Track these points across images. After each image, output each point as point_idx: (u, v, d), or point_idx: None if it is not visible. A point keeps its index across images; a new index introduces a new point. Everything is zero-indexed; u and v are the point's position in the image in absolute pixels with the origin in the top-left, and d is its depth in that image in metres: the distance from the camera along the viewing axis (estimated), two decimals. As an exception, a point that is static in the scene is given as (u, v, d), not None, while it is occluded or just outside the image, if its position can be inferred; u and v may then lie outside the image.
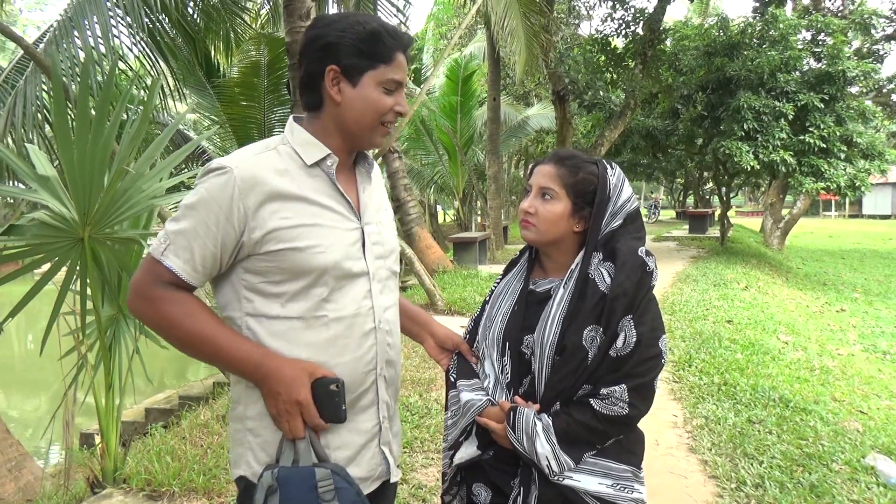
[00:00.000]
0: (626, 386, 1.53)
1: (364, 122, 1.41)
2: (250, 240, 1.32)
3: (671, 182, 37.60)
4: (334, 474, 1.30)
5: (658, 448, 3.91)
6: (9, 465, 5.33)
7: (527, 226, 1.66)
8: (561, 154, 1.70)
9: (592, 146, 12.95)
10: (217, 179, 1.32)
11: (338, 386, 1.33)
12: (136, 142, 3.04)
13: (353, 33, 1.37)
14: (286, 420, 1.32)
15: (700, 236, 19.04)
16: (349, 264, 1.40)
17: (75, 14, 5.06)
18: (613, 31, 13.37)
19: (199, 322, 1.33)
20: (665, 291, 9.63)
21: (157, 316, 1.33)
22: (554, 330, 1.56)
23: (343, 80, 1.39)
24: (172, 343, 1.37)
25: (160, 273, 1.32)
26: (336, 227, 1.39)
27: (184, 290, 1.35)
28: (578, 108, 13.58)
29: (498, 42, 11.62)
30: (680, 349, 6.06)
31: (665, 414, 4.47)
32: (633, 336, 1.53)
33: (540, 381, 1.58)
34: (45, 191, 3.04)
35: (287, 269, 1.34)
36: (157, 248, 1.33)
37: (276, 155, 1.39)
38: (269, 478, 1.29)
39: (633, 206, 1.67)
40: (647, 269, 1.58)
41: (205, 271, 1.34)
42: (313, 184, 1.40)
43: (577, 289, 1.58)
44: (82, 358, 3.52)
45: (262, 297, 1.37)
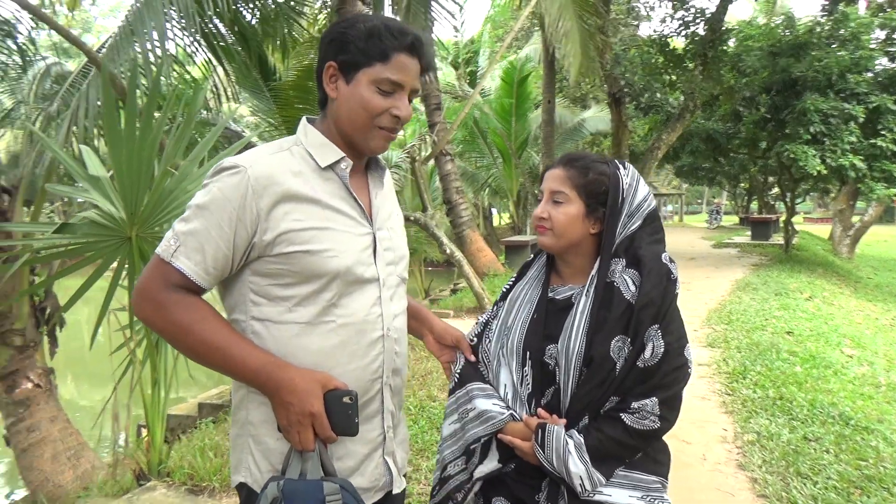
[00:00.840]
0: (658, 399, 1.48)
1: (356, 121, 1.37)
2: (262, 241, 1.29)
3: (734, 187, 36.47)
4: (342, 489, 1.27)
5: (705, 463, 3.76)
6: (68, 453, 5.55)
7: (542, 231, 1.62)
8: (570, 156, 1.65)
9: (649, 149, 12.66)
10: (230, 179, 1.28)
11: (351, 398, 1.30)
12: (182, 143, 3.11)
13: (354, 30, 1.34)
14: (297, 431, 1.28)
15: (763, 243, 18.39)
16: (360, 270, 1.37)
17: (134, 20, 5.22)
18: (673, 31, 13.06)
19: (210, 329, 1.28)
20: (722, 300, 9.33)
21: (165, 322, 1.28)
22: (580, 340, 1.51)
23: (339, 76, 1.36)
24: (181, 350, 1.33)
25: (169, 275, 1.28)
26: (348, 231, 1.37)
27: (193, 293, 1.31)
28: (635, 110, 13.31)
29: (552, 44, 11.49)
30: (734, 360, 5.85)
31: (714, 428, 4.30)
32: (660, 346, 1.49)
33: (566, 394, 1.53)
34: (95, 191, 3.14)
35: (298, 272, 1.31)
36: (167, 250, 1.29)
37: (290, 156, 1.36)
38: (275, 489, 1.25)
39: (651, 206, 1.61)
40: (671, 277, 1.53)
41: (216, 273, 1.31)
42: (327, 187, 1.37)
43: (600, 297, 1.53)
44: (131, 353, 3.62)
45: (269, 300, 1.34)
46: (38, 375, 5.56)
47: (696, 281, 11.60)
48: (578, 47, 10.59)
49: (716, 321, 7.76)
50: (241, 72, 7.94)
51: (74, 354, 13.10)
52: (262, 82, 9.40)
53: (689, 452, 3.93)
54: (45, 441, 5.45)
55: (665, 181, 46.57)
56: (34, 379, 5.54)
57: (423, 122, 12.51)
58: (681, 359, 1.52)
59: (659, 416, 1.48)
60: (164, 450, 3.65)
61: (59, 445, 5.53)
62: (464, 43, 22.64)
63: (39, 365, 5.62)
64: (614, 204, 1.57)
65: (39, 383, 5.57)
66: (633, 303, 1.49)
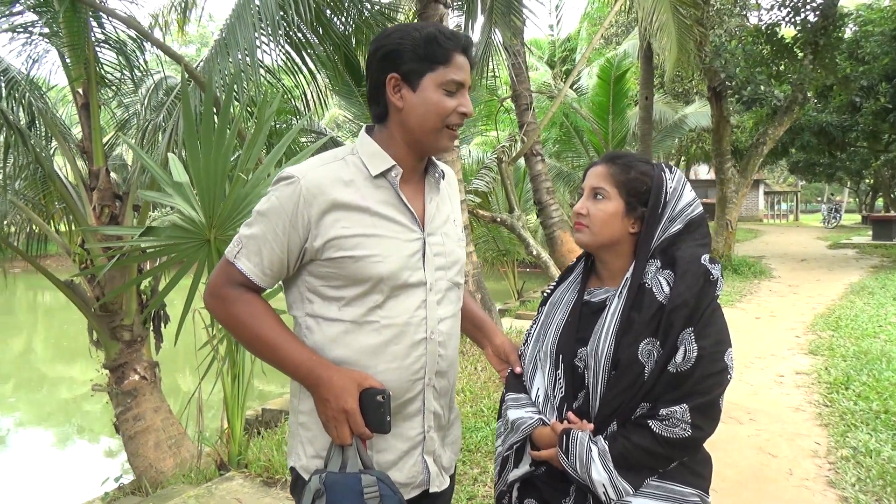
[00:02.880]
0: (688, 405, 1.41)
1: (427, 125, 1.42)
2: (313, 247, 1.38)
3: (857, 183, 33.95)
4: (379, 482, 1.33)
5: (791, 478, 3.53)
6: (169, 442, 5.93)
7: (579, 228, 1.59)
8: (613, 154, 1.62)
9: (753, 145, 11.99)
10: (286, 188, 1.38)
11: (384, 397, 1.35)
12: (255, 150, 3.25)
13: (410, 39, 1.39)
14: (334, 426, 1.36)
15: (886, 244, 17.01)
16: (406, 274, 1.41)
17: (228, 33, 5.50)
18: (781, 19, 12.30)
19: (264, 325, 1.40)
20: (832, 304, 8.73)
21: (227, 315, 1.42)
22: (608, 342, 1.47)
23: (404, 86, 1.41)
24: (240, 341, 1.47)
25: (233, 274, 1.41)
26: (396, 237, 1.42)
27: (253, 291, 1.43)
28: (736, 104, 12.65)
29: (646, 38, 11.12)
30: (837, 369, 5.45)
31: (806, 441, 4.03)
32: (693, 350, 1.41)
33: (594, 397, 1.50)
34: (178, 196, 3.34)
35: (345, 275, 1.39)
36: (232, 251, 1.43)
37: (344, 165, 1.44)
38: (317, 482, 1.33)
39: (696, 211, 1.55)
40: (710, 278, 1.46)
41: (273, 274, 1.42)
42: (377, 194, 1.43)
43: (632, 299, 1.48)
44: (214, 349, 3.83)
45: (321, 299, 1.43)
46: (145, 368, 5.98)
47: (805, 284, 10.92)
48: (674, 41, 10.17)
49: (821, 327, 7.26)
50: (333, 78, 8.20)
51: (175, 349, 13.98)
52: (354, 87, 9.66)
53: (774, 466, 3.70)
54: (149, 430, 5.86)
55: (780, 178, 44.02)
56: (141, 371, 5.96)
57: (515, 122, 12.44)
58: (718, 364, 1.44)
59: (690, 423, 1.41)
60: (244, 442, 3.83)
61: (162, 434, 5.92)
62: (560, 41, 22.35)
63: (146, 358, 6.05)
64: (655, 204, 1.53)
65: (145, 375, 5.99)
66: (665, 304, 1.44)
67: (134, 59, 6.76)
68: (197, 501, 3.32)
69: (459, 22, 9.36)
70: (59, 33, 5.99)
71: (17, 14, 6.01)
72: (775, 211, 40.89)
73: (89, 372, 6.41)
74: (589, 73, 20.15)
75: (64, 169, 6.64)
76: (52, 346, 16.00)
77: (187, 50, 30.95)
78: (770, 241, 20.81)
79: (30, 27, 6.10)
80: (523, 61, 10.83)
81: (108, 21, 6.19)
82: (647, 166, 1.57)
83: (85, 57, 5.92)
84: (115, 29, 6.41)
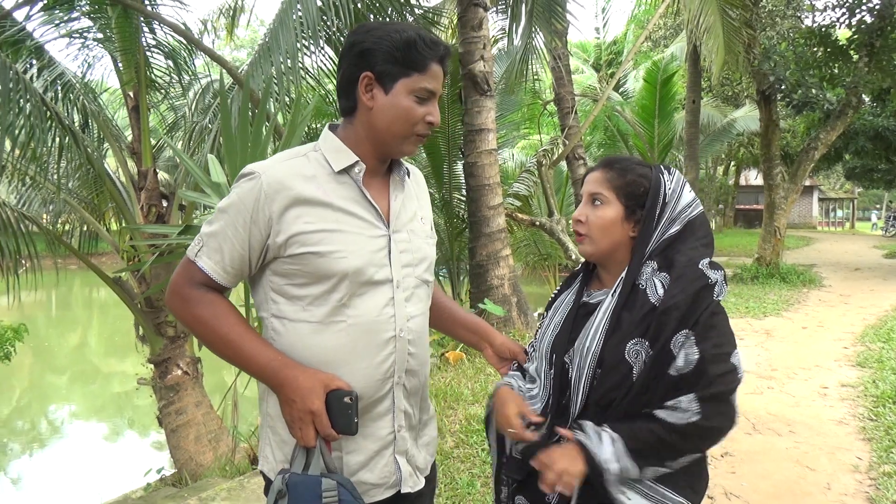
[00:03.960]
0: (695, 394, 1.39)
1: (395, 129, 1.41)
2: (275, 243, 1.36)
3: (918, 190, 32.66)
4: (340, 486, 1.31)
5: (829, 493, 3.43)
6: (209, 436, 6.08)
7: (580, 238, 1.58)
8: (610, 159, 1.60)
9: (804, 150, 11.63)
10: (246, 184, 1.37)
11: (351, 398, 1.33)
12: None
13: (390, 41, 1.37)
14: (298, 428, 1.34)
15: (948, 253, 16.32)
16: (371, 271, 1.40)
17: (271, 38, 5.63)
18: (835, 20, 11.92)
19: (226, 325, 1.37)
20: (885, 315, 8.42)
21: (189, 316, 1.39)
22: (595, 340, 1.47)
23: (376, 86, 1.39)
24: (204, 343, 1.43)
25: (194, 273, 1.39)
26: (360, 233, 1.40)
27: (216, 291, 1.40)
28: (786, 108, 12.30)
29: (692, 41, 10.92)
30: (886, 382, 5.25)
31: (847, 455, 3.90)
32: (694, 354, 1.39)
33: (576, 395, 1.49)
34: (216, 196, 3.43)
35: (309, 272, 1.37)
36: (192, 250, 1.40)
37: (306, 161, 1.42)
38: (280, 482, 1.32)
39: (695, 212, 1.53)
40: (707, 282, 1.43)
41: (234, 272, 1.39)
42: (340, 190, 1.41)
43: (624, 298, 1.47)
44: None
45: (286, 299, 1.40)
46: (187, 364, 6.15)
47: (857, 294, 10.56)
48: (721, 43, 9.98)
49: (872, 338, 7.01)
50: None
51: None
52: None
53: (812, 480, 3.60)
54: (190, 423, 6.02)
55: (836, 184, 42.64)
56: (183, 367, 6.13)
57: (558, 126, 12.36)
58: (723, 366, 1.40)
59: (698, 411, 1.38)
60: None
61: (202, 429, 6.08)
62: (606, 44, 22.11)
63: (188, 354, 6.22)
64: (652, 206, 1.52)
65: (188, 371, 6.16)
66: (657, 306, 1.42)
67: (182, 63, 6.97)
68: (229, 494, 3.40)
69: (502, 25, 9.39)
70: (111, 38, 6.22)
71: (74, 20, 6.27)
72: (830, 218, 39.62)
73: (139, 367, 6.62)
74: (635, 77, 19.88)
75: (117, 171, 6.88)
76: (105, 341, 16.56)
77: (238, 54, 31.63)
78: (823, 248, 20.17)
79: (85, 32, 6.35)
80: (566, 64, 10.78)
81: (160, 27, 6.42)
82: (644, 168, 1.56)
83: (136, 61, 6.14)
84: (164, 34, 6.63)
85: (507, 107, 11.60)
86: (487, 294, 6.63)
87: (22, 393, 11.99)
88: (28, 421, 10.69)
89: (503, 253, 6.80)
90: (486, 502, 3.24)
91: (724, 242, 20.83)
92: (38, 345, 14.29)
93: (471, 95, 6.79)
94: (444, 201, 9.06)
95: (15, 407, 11.32)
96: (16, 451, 9.03)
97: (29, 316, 15.46)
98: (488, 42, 6.84)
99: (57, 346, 15.79)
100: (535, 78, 9.57)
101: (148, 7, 6.08)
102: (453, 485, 3.42)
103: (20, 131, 4.74)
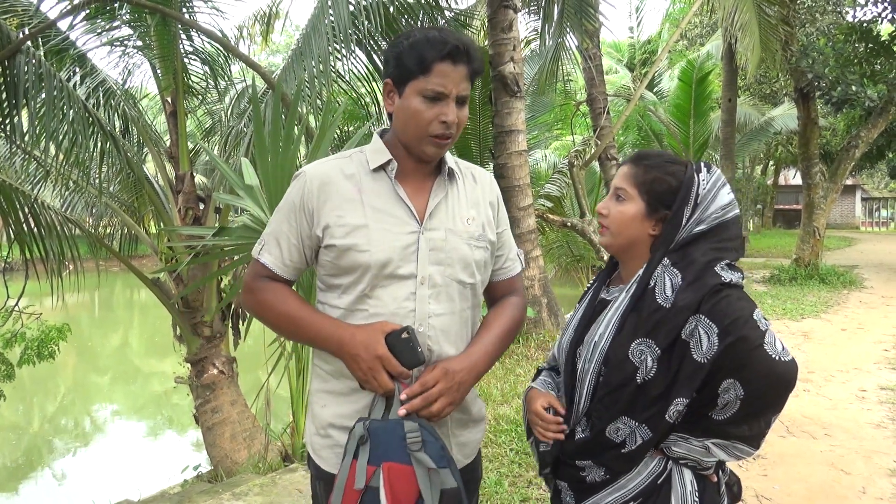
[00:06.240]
0: (734, 379, 1.36)
1: (409, 131, 1.47)
2: (316, 234, 1.49)
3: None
4: (422, 427, 1.37)
5: (863, 497, 3.37)
6: (244, 434, 6.19)
7: (602, 230, 1.60)
8: (641, 154, 1.60)
9: (844, 148, 11.36)
10: (296, 183, 1.53)
11: (409, 332, 1.41)
12: (320, 153, 3.38)
13: (400, 46, 1.46)
14: (372, 377, 1.40)
15: None
16: (395, 265, 1.45)
17: (303, 43, 5.73)
18: (877, 15, 11.62)
19: (287, 304, 1.52)
20: (929, 318, 8.19)
21: (255, 302, 1.55)
22: (604, 337, 1.48)
23: (395, 91, 1.48)
24: (269, 326, 1.58)
25: (259, 270, 1.55)
26: (388, 229, 1.46)
27: (280, 282, 1.55)
28: (825, 105, 12.02)
29: (728, 39, 10.76)
30: (930, 385, 5.13)
31: (884, 459, 3.83)
32: (713, 328, 1.37)
33: (581, 389, 1.51)
34: (248, 198, 3.51)
35: (338, 264, 1.47)
36: (256, 249, 1.57)
37: (349, 161, 1.54)
38: (361, 428, 1.38)
39: (729, 216, 1.49)
40: (721, 281, 1.41)
41: (294, 265, 1.54)
42: (375, 186, 1.50)
43: (636, 298, 1.47)
44: (281, 345, 4.00)
45: (325, 287, 1.55)
46: (223, 363, 6.27)
47: (900, 296, 10.28)
48: (757, 40, 9.81)
49: (914, 341, 6.83)
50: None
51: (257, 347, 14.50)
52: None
53: (846, 483, 3.53)
54: (225, 422, 6.14)
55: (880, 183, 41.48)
56: (219, 366, 6.26)
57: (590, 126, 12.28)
58: (750, 329, 1.36)
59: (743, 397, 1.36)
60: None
61: (237, 427, 6.19)
62: (640, 44, 21.89)
63: (224, 354, 6.35)
64: (681, 205, 1.48)
65: (223, 370, 6.28)
66: (666, 307, 1.41)
67: (218, 69, 7.13)
68: (261, 490, 3.48)
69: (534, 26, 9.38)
70: (150, 46, 6.40)
71: (115, 28, 6.46)
72: (874, 218, 38.51)
73: (177, 367, 6.79)
74: (670, 76, 19.64)
75: (155, 175, 7.07)
76: (145, 342, 16.95)
77: (274, 59, 32.10)
78: (865, 249, 19.65)
79: (125, 40, 6.54)
80: (597, 65, 10.71)
81: (197, 34, 6.57)
82: (675, 166, 1.53)
83: (174, 68, 6.30)
84: (201, 41, 6.79)
85: (539, 108, 11.57)
86: (518, 295, 6.63)
87: (66, 392, 12.36)
88: (72, 419, 11.02)
89: (533, 254, 6.80)
90: (513, 502, 3.26)
91: (763, 243, 20.44)
92: (82, 345, 14.70)
93: (501, 97, 6.81)
94: (476, 203, 9.09)
95: (59, 405, 11.67)
96: (60, 448, 9.32)
97: (73, 317, 15.91)
98: (518, 43, 6.85)
99: (99, 347, 16.22)
100: (566, 78, 9.54)
101: (185, 15, 6.23)
102: (481, 484, 3.44)
103: (64, 137, 4.92)
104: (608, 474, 1.49)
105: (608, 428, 1.46)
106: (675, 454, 1.46)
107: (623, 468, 1.47)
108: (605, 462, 1.48)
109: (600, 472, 1.50)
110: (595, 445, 1.48)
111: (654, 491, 1.46)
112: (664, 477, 1.47)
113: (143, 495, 5.83)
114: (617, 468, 1.48)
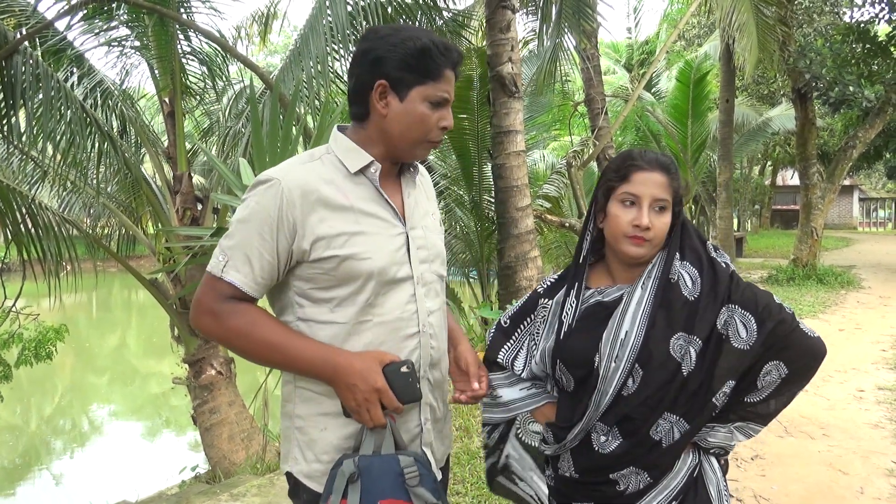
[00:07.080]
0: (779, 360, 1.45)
1: (409, 136, 1.42)
2: (300, 248, 1.36)
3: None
4: (416, 461, 1.33)
5: (861, 497, 3.38)
6: (242, 435, 6.19)
7: (640, 243, 1.48)
8: (663, 161, 1.53)
9: (842, 148, 11.38)
10: (267, 191, 1.36)
11: (409, 367, 1.37)
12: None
13: (404, 48, 1.37)
14: (366, 409, 1.34)
15: None
16: (394, 269, 1.42)
17: (301, 44, 5.73)
18: (874, 16, 11.64)
19: (266, 330, 1.36)
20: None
21: (224, 329, 1.37)
22: (633, 336, 1.45)
23: (391, 93, 1.40)
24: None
25: (222, 289, 1.36)
26: (380, 233, 1.42)
27: (245, 301, 1.38)
28: (823, 106, 12.04)
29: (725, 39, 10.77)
30: (928, 385, 5.14)
31: (881, 459, 3.83)
32: (749, 317, 1.44)
33: (602, 394, 1.46)
34: (246, 198, 3.51)
35: (335, 275, 1.38)
36: (217, 266, 1.37)
37: (321, 164, 1.43)
38: (351, 465, 1.31)
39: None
40: (727, 263, 1.51)
41: (264, 282, 1.39)
42: (358, 191, 1.43)
43: (659, 296, 1.47)
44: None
45: (311, 302, 1.41)
46: (221, 364, 6.27)
47: (896, 296, 10.30)
48: (755, 41, 9.82)
49: (911, 341, 6.85)
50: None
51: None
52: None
53: (844, 484, 3.54)
54: (223, 422, 6.14)
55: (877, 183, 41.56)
56: (217, 367, 6.25)
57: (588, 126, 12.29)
58: (786, 313, 1.46)
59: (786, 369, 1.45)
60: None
61: (235, 427, 6.19)
62: (638, 44, 21.91)
63: (222, 354, 6.34)
64: (682, 201, 1.56)
65: (221, 371, 6.28)
66: (690, 299, 1.46)
67: (216, 70, 7.12)
68: (259, 490, 3.48)
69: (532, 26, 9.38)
70: (148, 46, 6.39)
71: (113, 29, 6.45)
72: (872, 218, 38.57)
73: (175, 367, 6.79)
74: (668, 77, 19.63)
75: (153, 175, 7.06)
76: (143, 342, 16.95)
77: (272, 59, 32.07)
78: (863, 250, 19.69)
79: (123, 41, 6.53)
80: (595, 65, 10.72)
81: (194, 35, 6.56)
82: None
83: (171, 68, 6.29)
84: (199, 41, 6.78)
85: (538, 108, 11.56)
86: (516, 295, 6.62)
87: (64, 393, 12.35)
88: (69, 420, 11.01)
89: (532, 254, 6.79)
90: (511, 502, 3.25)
91: (760, 243, 20.48)
92: (79, 346, 14.69)
93: (499, 97, 6.80)
94: (474, 203, 9.08)
95: (57, 406, 11.66)
96: (58, 449, 9.32)
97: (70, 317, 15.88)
98: (516, 44, 6.84)
99: (97, 347, 16.21)
100: (564, 79, 9.53)
101: (183, 16, 6.22)
102: (480, 484, 3.44)
103: (61, 138, 4.91)
104: (651, 477, 1.47)
105: (652, 428, 1.45)
106: (709, 444, 1.50)
107: (668, 465, 1.47)
108: (651, 463, 1.46)
109: (643, 478, 1.47)
110: (639, 448, 1.45)
111: (691, 485, 1.49)
112: (698, 469, 1.51)
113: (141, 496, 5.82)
114: (664, 466, 1.47)
